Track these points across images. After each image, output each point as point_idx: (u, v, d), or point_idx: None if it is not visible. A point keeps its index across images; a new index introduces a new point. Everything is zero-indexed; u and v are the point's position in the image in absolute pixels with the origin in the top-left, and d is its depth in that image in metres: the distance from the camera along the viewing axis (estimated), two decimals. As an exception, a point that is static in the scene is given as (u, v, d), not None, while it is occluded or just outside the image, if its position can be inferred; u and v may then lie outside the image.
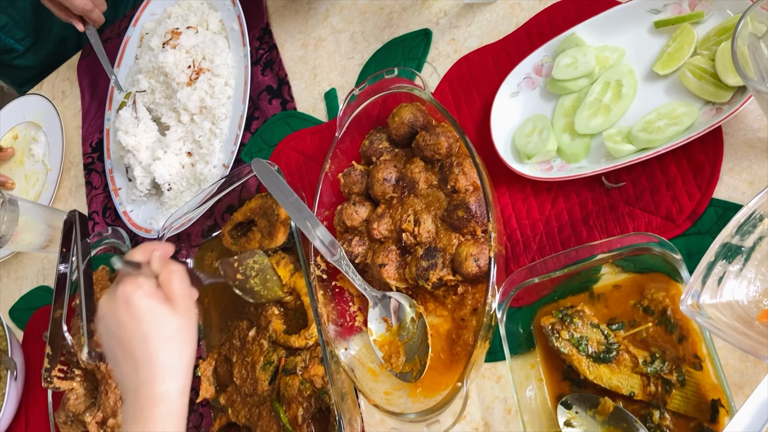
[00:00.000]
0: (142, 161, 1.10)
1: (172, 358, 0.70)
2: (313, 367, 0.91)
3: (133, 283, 0.72)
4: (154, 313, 0.71)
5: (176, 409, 0.70)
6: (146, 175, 1.13)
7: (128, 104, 1.14)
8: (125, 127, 1.10)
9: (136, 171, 1.11)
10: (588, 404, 0.73)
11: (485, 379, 0.83)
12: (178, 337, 0.72)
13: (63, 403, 1.08)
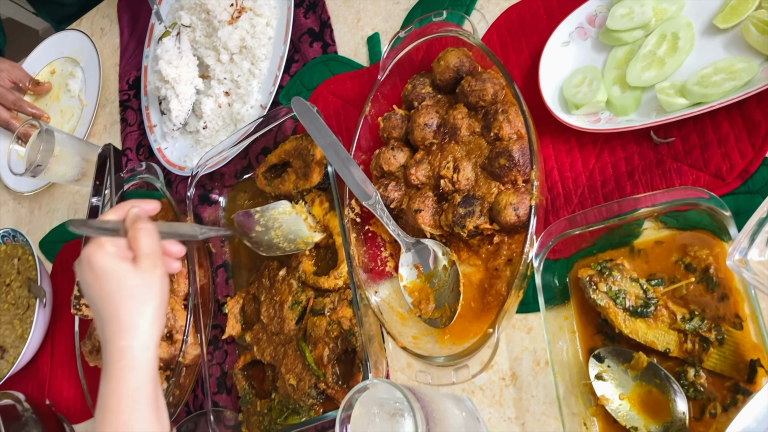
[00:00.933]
0: (180, 94, 1.10)
1: (133, 315, 0.71)
2: (342, 309, 0.91)
3: (95, 243, 0.73)
4: (114, 271, 0.71)
5: (139, 365, 0.70)
6: (181, 109, 1.12)
7: (172, 34, 1.13)
8: (168, 57, 1.09)
9: (172, 104, 1.10)
10: (621, 358, 0.72)
11: (515, 330, 0.82)
12: (140, 294, 0.71)
13: (89, 333, 1.09)
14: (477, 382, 0.83)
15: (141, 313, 0.71)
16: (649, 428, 0.70)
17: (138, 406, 0.70)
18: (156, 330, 0.72)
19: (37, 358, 1.25)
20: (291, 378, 0.92)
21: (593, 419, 0.73)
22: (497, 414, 0.81)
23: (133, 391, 0.70)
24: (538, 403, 0.78)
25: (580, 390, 0.74)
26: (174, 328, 1.03)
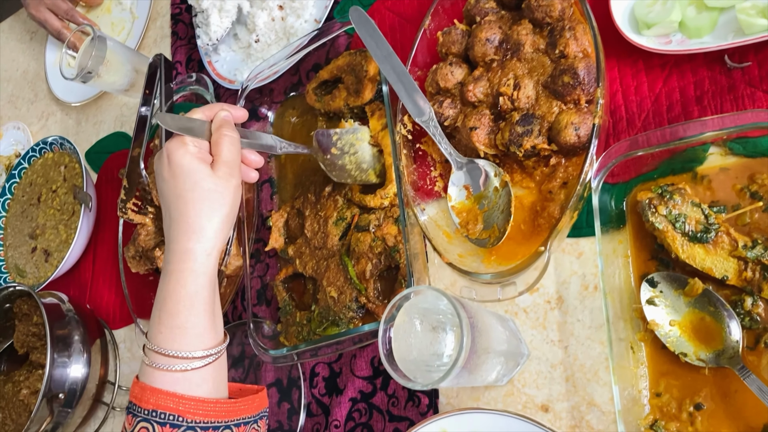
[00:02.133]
0: (223, 9, 1.09)
1: (202, 218, 0.70)
2: (387, 226, 0.90)
3: (178, 140, 0.73)
4: (191, 171, 0.71)
5: (200, 269, 0.70)
6: (220, 25, 1.11)
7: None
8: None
9: (212, 18, 1.09)
10: (675, 284, 0.71)
11: (565, 254, 0.81)
12: (212, 198, 0.71)
13: (133, 238, 1.10)
14: (521, 304, 0.82)
15: (209, 219, 0.71)
16: (699, 355, 0.68)
17: (194, 310, 0.70)
18: (221, 237, 0.72)
19: (79, 264, 1.27)
20: (332, 291, 0.92)
21: (641, 344, 0.72)
22: (540, 336, 0.80)
23: (192, 294, 0.70)
24: (584, 328, 0.77)
25: (629, 315, 0.73)
26: (217, 238, 1.03)
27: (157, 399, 0.66)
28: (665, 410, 0.69)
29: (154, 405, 0.66)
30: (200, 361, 0.68)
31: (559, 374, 0.78)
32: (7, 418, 1.14)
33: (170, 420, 0.66)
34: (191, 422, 0.66)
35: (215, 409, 0.68)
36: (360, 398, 0.91)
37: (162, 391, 0.66)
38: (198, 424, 0.66)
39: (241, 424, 0.70)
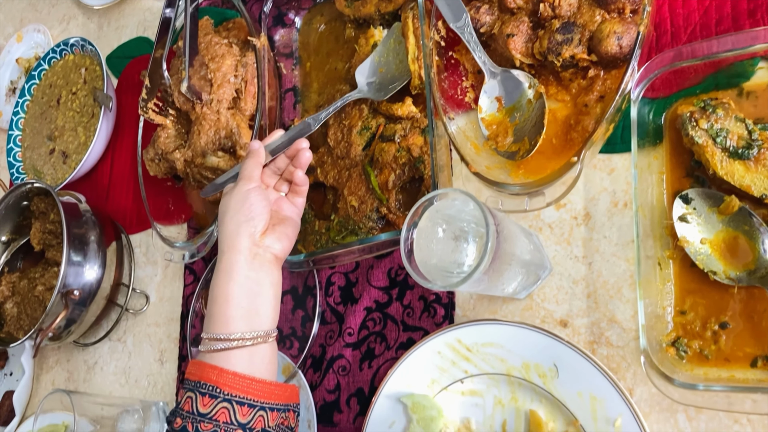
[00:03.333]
0: None
1: (222, 232, 0.78)
2: (413, 136, 0.88)
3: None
4: (225, 194, 0.81)
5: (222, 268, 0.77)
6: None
7: None
8: None
9: None
10: (710, 201, 0.69)
11: (596, 170, 0.78)
12: (225, 211, 0.79)
13: (153, 140, 1.08)
14: (546, 219, 0.81)
15: (222, 224, 0.78)
16: (729, 274, 0.67)
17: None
18: (240, 240, 0.77)
19: (97, 169, 1.26)
20: (353, 200, 0.90)
21: (669, 262, 0.71)
22: (564, 252, 0.78)
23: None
24: (610, 244, 0.76)
25: (659, 232, 0.71)
26: (238, 144, 1.02)
27: (202, 371, 0.73)
28: (689, 328, 0.68)
29: (198, 377, 0.73)
30: (239, 342, 0.74)
31: (581, 290, 0.76)
32: (23, 313, 1.15)
33: (210, 390, 0.72)
34: (228, 395, 0.71)
35: (252, 386, 0.73)
36: (375, 308, 0.91)
37: (206, 364, 0.73)
38: (234, 397, 0.72)
39: (275, 409, 0.74)
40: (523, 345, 0.76)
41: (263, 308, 0.76)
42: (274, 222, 0.81)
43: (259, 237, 0.77)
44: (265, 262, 0.77)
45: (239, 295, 0.75)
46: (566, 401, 0.73)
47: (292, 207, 0.85)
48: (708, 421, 0.67)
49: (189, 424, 0.71)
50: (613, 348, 0.73)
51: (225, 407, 0.71)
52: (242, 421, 0.72)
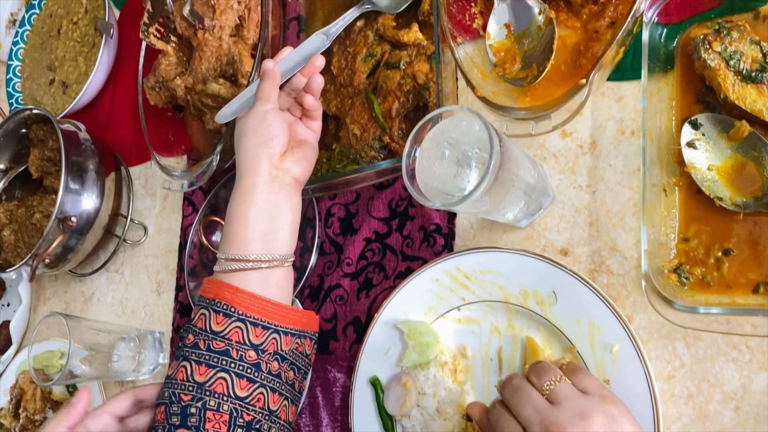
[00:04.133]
0: None
1: (241, 154, 0.77)
2: (418, 63, 0.86)
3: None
4: (240, 117, 0.80)
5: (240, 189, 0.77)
6: None
7: None
8: None
9: None
10: (719, 127, 0.67)
11: (604, 98, 0.77)
12: (242, 132, 0.78)
13: (154, 68, 1.07)
14: (551, 148, 0.79)
15: (240, 146, 0.77)
16: (735, 200, 0.66)
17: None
18: (261, 160, 0.76)
19: (97, 100, 1.25)
20: (355, 128, 0.89)
21: (674, 188, 0.69)
22: (567, 181, 0.77)
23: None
24: (615, 173, 0.75)
25: (666, 159, 0.70)
26: (240, 72, 1.00)
27: (218, 289, 0.72)
28: (692, 255, 0.67)
29: (214, 294, 0.72)
30: (255, 263, 0.73)
31: (583, 219, 0.75)
32: (20, 240, 1.14)
33: (224, 309, 0.71)
34: (242, 315, 0.71)
35: (266, 308, 0.72)
36: (374, 238, 0.90)
37: (222, 282, 0.72)
38: (248, 318, 0.71)
39: (289, 333, 0.74)
40: (522, 272, 0.75)
41: (281, 232, 0.75)
42: (293, 145, 0.79)
43: (279, 159, 0.76)
44: (284, 185, 0.76)
45: (257, 217, 0.74)
46: (563, 328, 0.72)
47: (308, 131, 0.83)
48: (706, 348, 0.67)
49: (201, 340, 0.71)
50: (613, 276, 0.72)
51: (238, 326, 0.71)
52: (255, 341, 0.72)
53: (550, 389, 0.58)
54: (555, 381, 0.59)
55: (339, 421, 0.88)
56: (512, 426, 0.58)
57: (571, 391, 0.58)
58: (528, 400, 0.58)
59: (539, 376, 0.60)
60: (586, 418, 0.55)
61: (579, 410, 0.56)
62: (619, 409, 0.57)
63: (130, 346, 1.06)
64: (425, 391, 0.79)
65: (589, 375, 0.61)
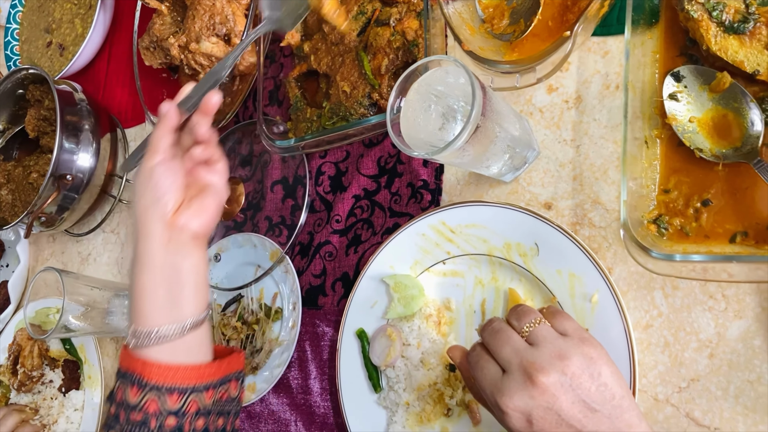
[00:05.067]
0: None
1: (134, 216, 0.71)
2: (408, 20, 0.86)
3: None
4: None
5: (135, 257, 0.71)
6: None
7: None
8: None
9: None
10: (701, 78, 0.67)
11: (590, 53, 0.77)
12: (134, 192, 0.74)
13: (149, 28, 1.07)
14: (537, 104, 0.80)
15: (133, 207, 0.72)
16: (715, 151, 0.66)
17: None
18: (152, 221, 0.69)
19: (94, 63, 1.25)
20: (345, 85, 0.90)
21: (656, 141, 0.70)
22: (552, 136, 0.78)
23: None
24: (599, 127, 0.75)
25: (648, 113, 0.70)
26: (233, 31, 1.01)
27: (129, 362, 0.69)
28: (671, 206, 0.68)
29: (126, 366, 0.69)
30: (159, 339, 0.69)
31: (567, 173, 0.76)
32: (17, 200, 1.16)
33: (137, 381, 0.68)
34: (154, 385, 0.68)
35: (178, 373, 0.69)
36: (363, 195, 0.91)
37: (133, 356, 0.69)
38: (162, 387, 0.68)
39: (210, 388, 0.71)
40: (506, 225, 0.76)
41: (183, 297, 0.70)
42: (192, 194, 0.72)
43: (172, 217, 0.69)
44: (181, 245, 0.70)
45: (155, 287, 0.69)
46: (545, 279, 0.73)
47: (211, 174, 0.73)
48: (683, 298, 0.68)
49: (121, 412, 0.69)
50: (595, 229, 0.73)
51: (153, 397, 0.68)
52: (173, 408, 0.68)
53: (529, 331, 0.58)
54: (534, 323, 0.59)
55: (326, 374, 0.89)
56: (491, 367, 0.58)
57: (551, 333, 0.58)
58: (507, 341, 0.58)
59: (519, 319, 0.60)
60: (565, 359, 0.55)
61: (557, 351, 0.56)
62: (597, 351, 0.57)
63: (125, 303, 1.07)
64: (409, 342, 0.80)
65: (568, 318, 0.60)
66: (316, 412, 0.88)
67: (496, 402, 0.56)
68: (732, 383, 0.64)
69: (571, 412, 0.54)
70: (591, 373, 0.55)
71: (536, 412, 0.54)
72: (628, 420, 0.55)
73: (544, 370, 0.55)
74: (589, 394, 0.54)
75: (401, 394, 0.80)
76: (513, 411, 0.55)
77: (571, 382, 0.54)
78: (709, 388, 0.65)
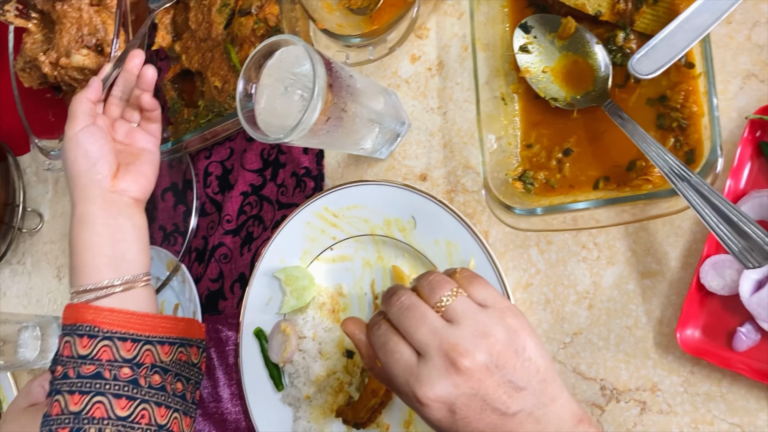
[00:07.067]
0: None
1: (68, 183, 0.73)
2: (269, 6, 0.84)
3: None
4: None
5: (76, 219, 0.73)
6: None
7: None
8: None
9: None
10: (549, 27, 0.66)
11: (446, 17, 0.75)
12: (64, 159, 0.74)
13: (21, 48, 1.04)
14: (403, 75, 0.78)
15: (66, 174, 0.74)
16: (570, 99, 0.65)
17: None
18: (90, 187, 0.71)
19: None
20: (216, 81, 0.87)
21: (513, 96, 0.68)
22: (420, 106, 0.76)
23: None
24: (462, 90, 0.73)
25: (504, 69, 0.69)
26: (104, 41, 0.97)
27: (77, 313, 0.68)
28: (534, 160, 0.67)
29: (74, 319, 0.68)
30: (109, 289, 0.69)
31: (437, 141, 0.74)
32: None
33: (87, 331, 0.67)
34: (107, 332, 0.67)
35: (131, 320, 0.68)
36: (251, 191, 0.88)
37: (81, 304, 0.68)
38: (114, 334, 0.67)
39: (165, 343, 0.70)
40: (383, 202, 0.74)
41: (129, 253, 0.71)
42: (128, 160, 0.74)
43: (111, 181, 0.71)
44: (123, 207, 0.72)
45: (100, 243, 0.70)
46: (425, 251, 0.71)
47: (147, 137, 0.78)
48: (558, 252, 0.66)
49: (70, 369, 0.67)
50: (468, 194, 0.72)
51: (106, 345, 0.68)
52: (127, 356, 0.68)
53: (446, 305, 0.49)
54: (451, 296, 0.50)
55: (234, 379, 0.87)
56: (404, 350, 0.49)
57: (470, 306, 0.49)
58: (422, 320, 0.49)
59: (433, 290, 0.51)
60: (489, 336, 0.48)
61: (480, 328, 0.48)
62: (519, 321, 0.50)
63: (34, 335, 1.04)
64: (305, 334, 0.78)
65: (485, 284, 0.52)
66: (228, 419, 0.86)
67: (414, 393, 0.48)
68: (612, 331, 0.63)
69: (496, 394, 0.47)
70: (516, 348, 0.48)
71: (460, 400, 0.47)
72: (552, 393, 0.49)
73: (469, 352, 0.47)
74: (514, 372, 0.48)
75: (301, 389, 0.77)
76: (434, 402, 0.47)
77: (497, 362, 0.47)
78: (592, 339, 0.64)
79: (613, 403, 0.62)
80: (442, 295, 0.50)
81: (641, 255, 0.62)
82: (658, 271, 0.61)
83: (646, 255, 0.62)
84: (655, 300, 0.61)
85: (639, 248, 0.62)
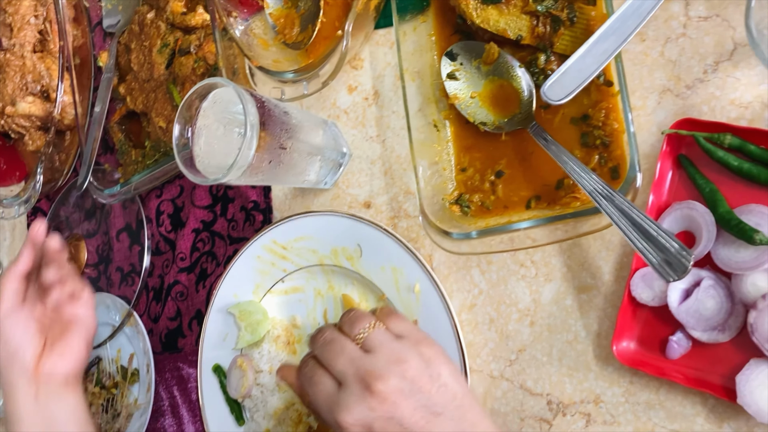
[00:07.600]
0: None
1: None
2: (207, 44, 0.85)
3: None
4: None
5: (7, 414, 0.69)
6: None
7: None
8: None
9: None
10: (473, 53, 0.68)
11: (379, 47, 0.77)
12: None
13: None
14: (342, 106, 0.79)
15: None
16: (497, 122, 0.66)
17: None
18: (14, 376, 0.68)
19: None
20: (160, 121, 0.88)
21: (445, 122, 0.70)
22: (360, 135, 0.77)
23: None
24: (398, 118, 0.75)
25: (434, 96, 0.70)
26: (50, 87, 0.98)
27: None
28: (469, 184, 0.68)
29: None
30: None
31: (378, 169, 0.75)
32: None
33: None
34: None
35: None
36: (202, 228, 0.89)
37: None
38: None
39: None
40: (330, 232, 0.75)
41: None
42: (54, 335, 0.70)
43: (35, 365, 0.67)
44: (52, 392, 0.68)
45: None
46: (372, 277, 0.72)
47: (76, 306, 0.73)
48: (498, 271, 0.68)
49: None
50: (410, 219, 0.73)
51: None
52: None
53: (364, 337, 0.54)
54: (369, 328, 0.54)
55: (199, 416, 0.87)
56: (326, 381, 0.53)
57: (386, 336, 0.54)
58: (341, 351, 0.53)
59: (352, 325, 0.55)
60: (402, 363, 0.51)
61: (395, 356, 0.52)
62: (434, 350, 0.54)
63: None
64: (261, 368, 0.79)
65: (402, 319, 0.57)
66: (194, 456, 0.86)
67: (335, 419, 0.51)
68: (554, 347, 0.64)
69: (413, 419, 0.50)
70: (430, 374, 0.51)
71: (378, 423, 0.50)
72: (472, 419, 0.51)
73: (382, 377, 0.50)
74: (430, 397, 0.51)
75: (261, 423, 0.78)
76: (353, 426, 0.50)
77: (411, 387, 0.50)
78: (536, 355, 0.65)
79: (560, 417, 0.63)
80: (360, 328, 0.54)
81: (576, 270, 0.63)
82: (593, 285, 0.62)
83: (581, 270, 0.63)
84: (592, 314, 0.62)
85: (574, 264, 0.64)
